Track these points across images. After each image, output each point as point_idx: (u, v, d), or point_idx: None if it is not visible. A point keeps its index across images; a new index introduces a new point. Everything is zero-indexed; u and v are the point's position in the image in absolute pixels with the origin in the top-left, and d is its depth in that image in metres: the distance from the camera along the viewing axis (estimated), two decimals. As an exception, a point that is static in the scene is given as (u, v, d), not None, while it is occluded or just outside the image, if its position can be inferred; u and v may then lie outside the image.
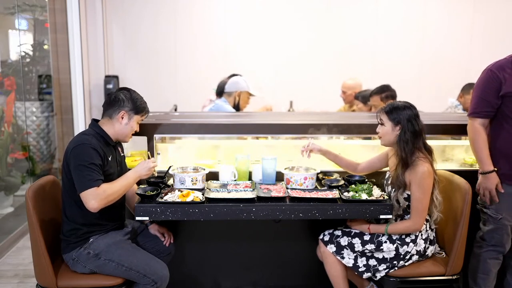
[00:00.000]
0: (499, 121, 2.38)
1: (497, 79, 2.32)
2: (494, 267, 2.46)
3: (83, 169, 2.08)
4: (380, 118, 2.33)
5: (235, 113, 3.56)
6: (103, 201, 2.08)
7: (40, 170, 4.78)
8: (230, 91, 3.74)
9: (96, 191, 2.07)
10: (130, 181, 2.22)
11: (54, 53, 5.11)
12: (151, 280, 2.18)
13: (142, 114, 2.31)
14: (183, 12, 5.60)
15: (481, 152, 2.38)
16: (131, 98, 2.26)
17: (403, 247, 2.28)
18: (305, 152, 2.54)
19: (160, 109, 4.05)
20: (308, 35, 5.65)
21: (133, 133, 2.36)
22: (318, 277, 2.68)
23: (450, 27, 5.60)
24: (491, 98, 2.34)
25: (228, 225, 2.71)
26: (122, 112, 2.24)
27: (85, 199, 2.07)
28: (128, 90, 2.30)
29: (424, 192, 2.21)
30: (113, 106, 2.25)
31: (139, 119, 2.31)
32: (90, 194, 2.06)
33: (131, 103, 2.25)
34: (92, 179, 2.08)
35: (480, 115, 2.38)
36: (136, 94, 2.30)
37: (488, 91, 2.34)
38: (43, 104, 5.03)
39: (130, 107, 2.25)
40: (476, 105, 2.39)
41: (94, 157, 2.11)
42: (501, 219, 2.38)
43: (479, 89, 2.39)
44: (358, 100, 4.14)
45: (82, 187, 2.07)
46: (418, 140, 2.26)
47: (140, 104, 2.28)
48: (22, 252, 3.63)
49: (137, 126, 2.34)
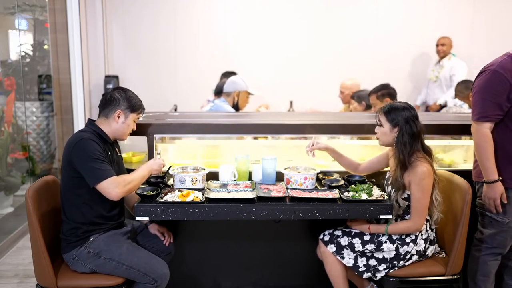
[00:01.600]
0: (506, 124, 2.26)
1: (505, 81, 2.19)
2: (493, 268, 2.44)
3: (94, 161, 2.10)
4: (378, 119, 2.33)
5: (234, 113, 3.55)
6: (125, 188, 2.12)
7: (40, 170, 4.78)
8: (228, 91, 3.72)
9: (117, 179, 2.11)
10: (145, 173, 2.26)
11: (54, 53, 5.11)
12: (151, 279, 2.18)
13: (137, 112, 2.33)
14: (183, 12, 5.60)
15: (488, 161, 2.24)
16: (126, 97, 2.28)
17: (403, 247, 2.28)
18: (310, 151, 2.54)
19: (160, 109, 4.06)
20: (308, 35, 5.65)
21: (131, 132, 2.37)
22: (318, 277, 2.68)
23: (450, 27, 5.60)
24: (501, 101, 2.20)
25: (228, 225, 2.71)
26: (118, 111, 2.26)
27: (106, 189, 2.08)
28: (123, 89, 2.33)
29: (423, 192, 2.21)
30: (108, 106, 2.27)
31: (135, 117, 2.33)
32: (111, 183, 2.08)
33: (126, 101, 2.27)
34: (107, 169, 2.11)
35: (490, 118, 2.23)
36: (130, 93, 2.32)
37: (497, 93, 2.20)
38: (43, 104, 5.03)
39: (126, 106, 2.27)
40: (485, 108, 2.23)
41: (98, 149, 2.15)
42: (508, 222, 2.32)
43: (485, 91, 2.23)
44: (353, 100, 4.15)
45: (98, 178, 2.09)
46: (416, 142, 2.24)
47: (135, 102, 2.30)
48: (22, 252, 3.63)
49: (134, 125, 2.36)
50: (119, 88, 2.34)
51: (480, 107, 2.26)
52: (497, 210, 2.31)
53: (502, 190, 2.27)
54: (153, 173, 2.33)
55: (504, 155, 2.29)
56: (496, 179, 2.26)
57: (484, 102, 2.25)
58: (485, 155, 2.26)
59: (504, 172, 2.29)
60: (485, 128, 2.25)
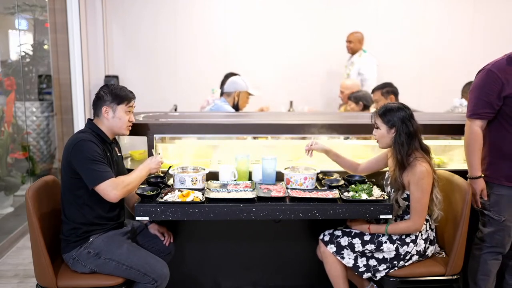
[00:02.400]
0: (501, 122, 2.33)
1: (498, 80, 2.27)
2: (494, 268, 2.45)
3: (93, 163, 2.10)
4: (374, 121, 2.32)
5: (234, 113, 3.55)
6: (124, 189, 2.12)
7: (40, 170, 4.78)
8: (229, 91, 3.72)
9: (116, 180, 2.10)
10: (143, 173, 2.25)
11: (54, 53, 5.11)
12: (151, 279, 2.18)
13: (125, 102, 2.27)
14: (183, 12, 5.60)
15: (474, 157, 2.34)
16: (109, 91, 2.26)
17: (403, 247, 2.28)
18: (308, 151, 2.55)
19: (160, 109, 4.06)
20: (308, 35, 5.65)
21: (130, 125, 2.33)
22: (318, 277, 2.68)
23: (450, 27, 5.60)
24: (492, 99, 2.28)
25: (228, 225, 2.71)
26: (104, 107, 2.25)
27: (104, 190, 2.09)
28: (107, 85, 2.31)
29: (423, 191, 2.20)
30: (96, 105, 2.28)
31: (125, 108, 2.28)
32: (109, 185, 2.08)
33: (110, 95, 2.25)
34: (105, 170, 2.11)
35: (480, 116, 2.32)
36: (115, 86, 2.29)
37: (489, 92, 2.28)
38: (43, 104, 5.03)
39: (110, 100, 2.25)
40: (477, 106, 2.32)
41: (97, 150, 2.14)
42: (504, 220, 2.36)
43: (479, 89, 2.32)
44: (350, 101, 4.16)
45: (97, 180, 2.09)
46: (413, 141, 2.24)
47: (119, 93, 2.26)
48: (22, 252, 3.63)
49: (130, 116, 2.31)
50: (104, 86, 2.32)
51: (472, 104, 2.36)
52: (480, 205, 2.41)
53: (483, 186, 2.37)
54: (152, 172, 2.32)
55: (498, 153, 2.35)
56: (479, 175, 2.36)
57: (476, 100, 2.33)
58: (472, 151, 2.35)
59: (497, 170, 2.35)
60: (475, 126, 2.33)
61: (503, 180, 2.34)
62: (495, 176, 2.36)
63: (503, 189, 2.35)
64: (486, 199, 2.38)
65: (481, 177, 2.37)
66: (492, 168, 2.37)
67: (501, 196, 2.35)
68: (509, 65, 2.29)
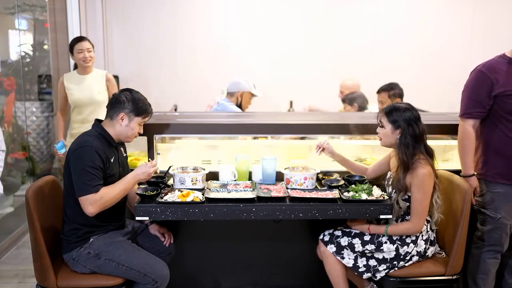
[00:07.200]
0: (493, 121, 2.37)
1: (488, 80, 2.31)
2: (493, 267, 2.47)
3: (84, 173, 2.08)
4: (380, 119, 2.32)
5: (235, 113, 3.55)
6: (100, 207, 2.10)
7: (40, 170, 4.78)
8: (232, 91, 3.73)
9: (94, 197, 2.08)
10: (129, 185, 2.21)
11: (54, 53, 5.11)
12: (151, 280, 2.18)
13: (143, 116, 2.26)
14: (183, 12, 5.60)
15: (467, 156, 2.39)
16: (132, 100, 2.22)
17: (403, 248, 2.28)
18: (319, 149, 2.55)
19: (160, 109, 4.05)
20: (308, 35, 5.64)
21: (137, 136, 2.32)
22: (318, 277, 2.68)
23: (450, 26, 5.59)
24: (482, 99, 2.33)
25: (228, 225, 2.71)
26: (122, 113, 2.22)
27: (83, 203, 2.09)
28: (130, 91, 2.26)
29: (424, 193, 2.20)
30: (114, 108, 2.24)
31: (141, 121, 2.27)
32: (88, 200, 2.07)
33: (132, 104, 2.22)
34: (91, 184, 2.08)
35: (472, 115, 2.36)
36: (138, 96, 2.26)
37: (480, 92, 2.33)
38: (43, 104, 5.03)
39: (130, 109, 2.22)
40: (468, 105, 2.38)
41: (96, 159, 2.11)
42: (500, 218, 2.39)
43: (469, 90, 2.38)
44: (345, 103, 4.17)
45: (81, 192, 2.08)
46: (419, 143, 2.24)
47: (141, 106, 2.24)
48: (22, 252, 3.63)
49: (140, 128, 2.30)
50: (127, 90, 2.27)
51: (464, 104, 2.41)
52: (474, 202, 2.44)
53: (476, 184, 2.42)
54: (141, 181, 2.28)
55: (491, 151, 2.39)
56: (471, 173, 2.41)
57: (468, 100, 2.39)
58: (465, 150, 2.40)
59: (492, 167, 2.39)
60: (468, 125, 2.38)
61: (498, 177, 2.38)
62: (490, 174, 2.40)
63: (498, 186, 2.38)
64: (480, 197, 2.42)
65: (474, 175, 2.42)
66: (487, 166, 2.41)
67: (497, 193, 2.39)
68: (498, 65, 2.33)
